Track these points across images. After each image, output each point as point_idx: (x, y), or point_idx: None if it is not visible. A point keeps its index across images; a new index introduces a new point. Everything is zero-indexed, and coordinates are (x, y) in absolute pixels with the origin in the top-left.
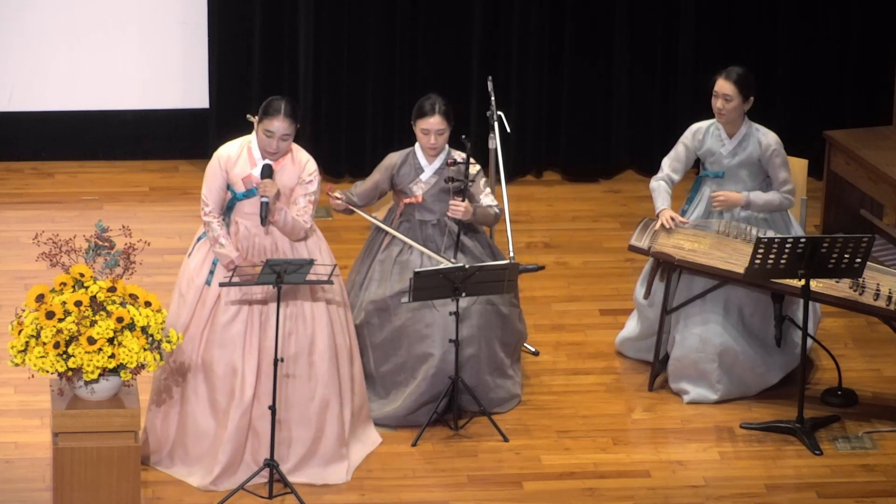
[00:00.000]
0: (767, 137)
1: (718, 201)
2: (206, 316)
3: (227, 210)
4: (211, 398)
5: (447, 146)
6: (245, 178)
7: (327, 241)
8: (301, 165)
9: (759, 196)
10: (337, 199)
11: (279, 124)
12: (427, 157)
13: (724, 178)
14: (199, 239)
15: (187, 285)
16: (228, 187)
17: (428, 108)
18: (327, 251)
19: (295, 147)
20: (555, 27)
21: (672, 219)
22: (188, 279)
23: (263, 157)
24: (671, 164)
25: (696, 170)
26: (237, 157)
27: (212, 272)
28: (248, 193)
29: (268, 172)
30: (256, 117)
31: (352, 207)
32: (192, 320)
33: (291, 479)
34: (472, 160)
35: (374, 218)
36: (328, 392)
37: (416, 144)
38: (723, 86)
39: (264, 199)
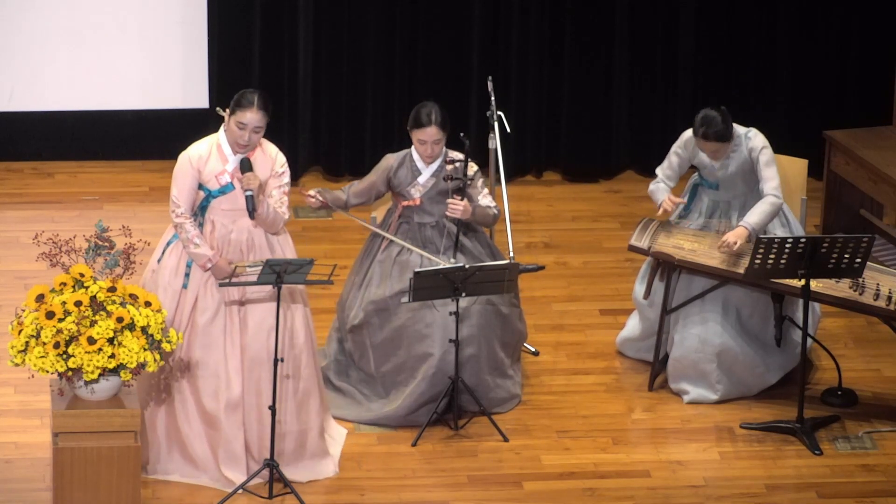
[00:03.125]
0: (755, 140)
1: (730, 247)
2: (185, 319)
3: (201, 210)
4: (197, 401)
5: (444, 147)
6: (219, 175)
7: (327, 242)
8: (272, 158)
9: (754, 217)
10: (311, 197)
11: (252, 116)
12: (424, 160)
13: (720, 188)
14: (168, 243)
15: (163, 292)
16: (201, 186)
17: (424, 118)
18: (293, 247)
19: (263, 141)
20: (555, 27)
21: (671, 199)
22: (164, 286)
23: (234, 152)
24: (664, 173)
25: (693, 169)
26: (208, 155)
27: (187, 275)
28: (224, 189)
29: (248, 166)
30: (227, 111)
31: (331, 206)
32: (173, 325)
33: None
34: (470, 162)
35: (358, 218)
36: (309, 385)
37: (413, 147)
38: (710, 146)
39: (249, 193)
